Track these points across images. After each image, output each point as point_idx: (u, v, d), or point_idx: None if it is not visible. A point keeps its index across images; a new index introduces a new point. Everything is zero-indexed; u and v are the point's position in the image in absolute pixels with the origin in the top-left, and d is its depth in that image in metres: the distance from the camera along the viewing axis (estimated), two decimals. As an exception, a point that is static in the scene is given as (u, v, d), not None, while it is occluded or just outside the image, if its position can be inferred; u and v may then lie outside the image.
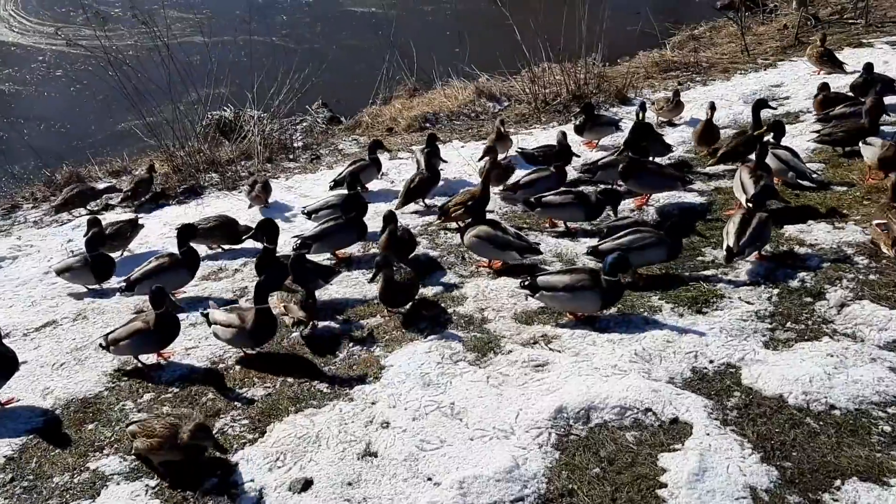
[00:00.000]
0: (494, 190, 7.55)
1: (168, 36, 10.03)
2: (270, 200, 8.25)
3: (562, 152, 7.76)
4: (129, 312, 6.19)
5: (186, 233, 6.36)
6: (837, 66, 10.74)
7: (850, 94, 9.18)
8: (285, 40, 17.26)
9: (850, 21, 13.16)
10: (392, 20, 15.35)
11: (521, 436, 4.37)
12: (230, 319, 5.28)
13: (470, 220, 6.49)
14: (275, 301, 5.74)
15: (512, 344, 5.34)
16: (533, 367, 5.05)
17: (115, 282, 6.69)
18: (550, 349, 5.25)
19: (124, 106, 10.17)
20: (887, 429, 4.24)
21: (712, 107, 8.47)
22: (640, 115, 8.49)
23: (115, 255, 7.00)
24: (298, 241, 6.32)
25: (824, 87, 9.20)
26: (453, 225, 7.18)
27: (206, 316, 5.51)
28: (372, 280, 5.68)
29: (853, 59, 11.29)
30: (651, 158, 7.59)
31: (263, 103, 11.00)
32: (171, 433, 4.23)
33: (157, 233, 7.88)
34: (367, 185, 8.25)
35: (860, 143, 7.40)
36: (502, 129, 8.71)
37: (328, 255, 6.89)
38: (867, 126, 7.74)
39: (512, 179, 7.86)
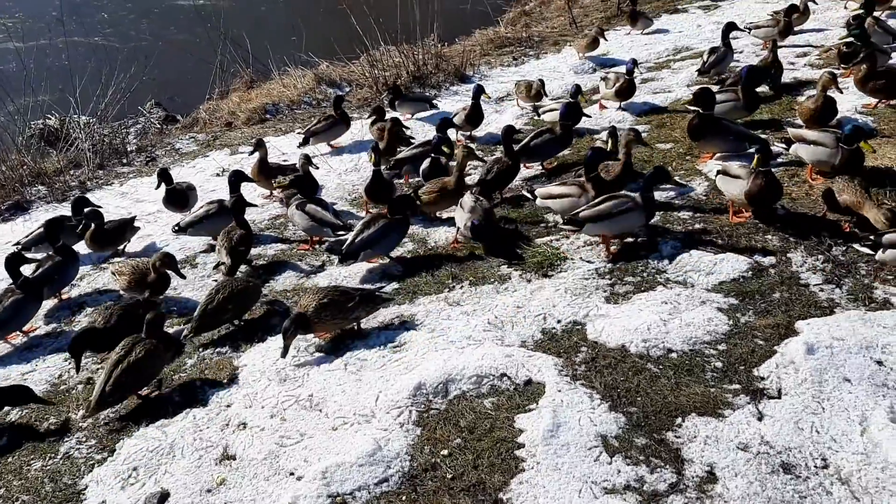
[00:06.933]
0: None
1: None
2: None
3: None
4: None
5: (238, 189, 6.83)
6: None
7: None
8: (108, 39, 16.32)
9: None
10: (221, 12, 14.84)
11: (383, 417, 4.38)
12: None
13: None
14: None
15: (368, 327, 5.33)
16: (391, 348, 5.07)
17: None
18: (407, 329, 5.28)
19: (-68, 123, 9.34)
20: (719, 364, 4.57)
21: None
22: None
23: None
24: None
25: None
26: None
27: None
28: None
29: (670, 24, 12.03)
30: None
31: (90, 108, 10.39)
32: None
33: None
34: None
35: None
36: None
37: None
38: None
39: None
